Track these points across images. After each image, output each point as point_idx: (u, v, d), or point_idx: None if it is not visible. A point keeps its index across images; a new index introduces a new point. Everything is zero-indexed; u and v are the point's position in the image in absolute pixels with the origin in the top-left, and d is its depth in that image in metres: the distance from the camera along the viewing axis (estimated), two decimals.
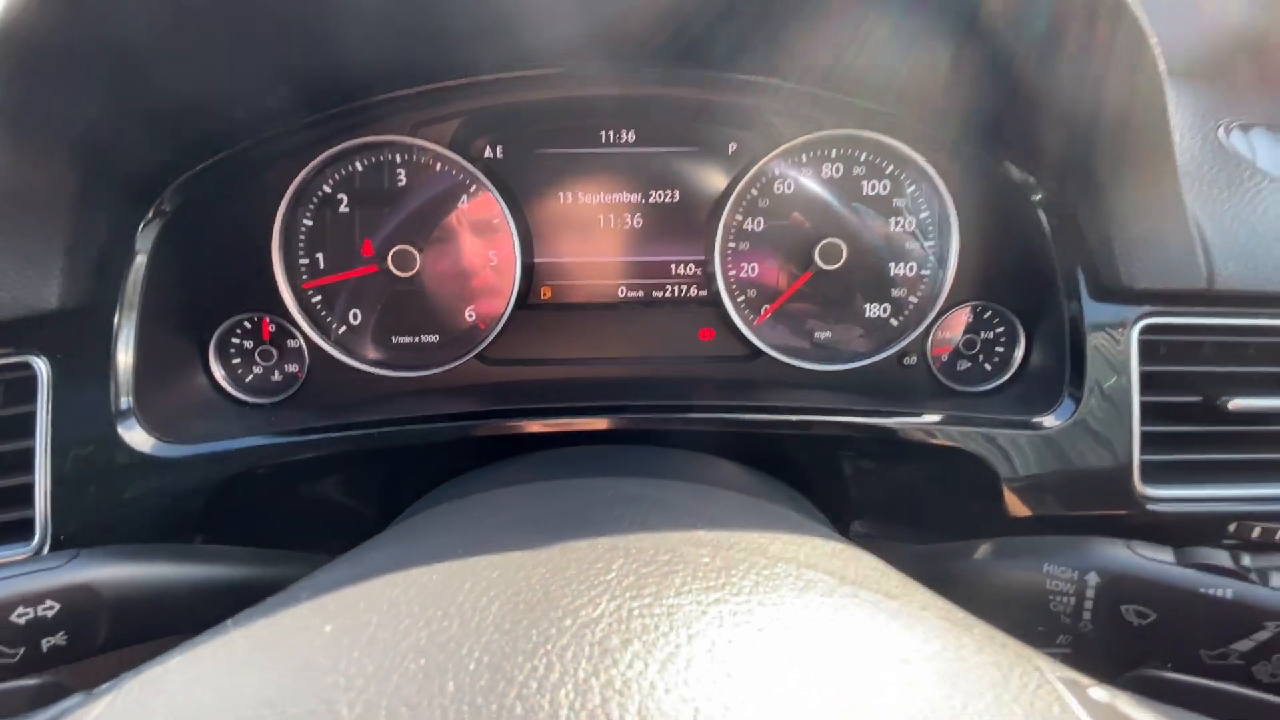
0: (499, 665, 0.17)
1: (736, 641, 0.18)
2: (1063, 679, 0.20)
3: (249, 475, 0.49)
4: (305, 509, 0.57)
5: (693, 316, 0.63)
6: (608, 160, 0.60)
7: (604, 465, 0.43)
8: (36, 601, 0.33)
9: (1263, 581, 0.32)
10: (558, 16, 0.46)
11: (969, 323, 0.61)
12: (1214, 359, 0.52)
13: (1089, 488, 0.51)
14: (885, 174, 0.59)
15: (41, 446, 0.44)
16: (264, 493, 0.52)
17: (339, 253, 0.58)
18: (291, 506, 0.56)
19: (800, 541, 0.28)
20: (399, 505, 0.52)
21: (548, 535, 0.24)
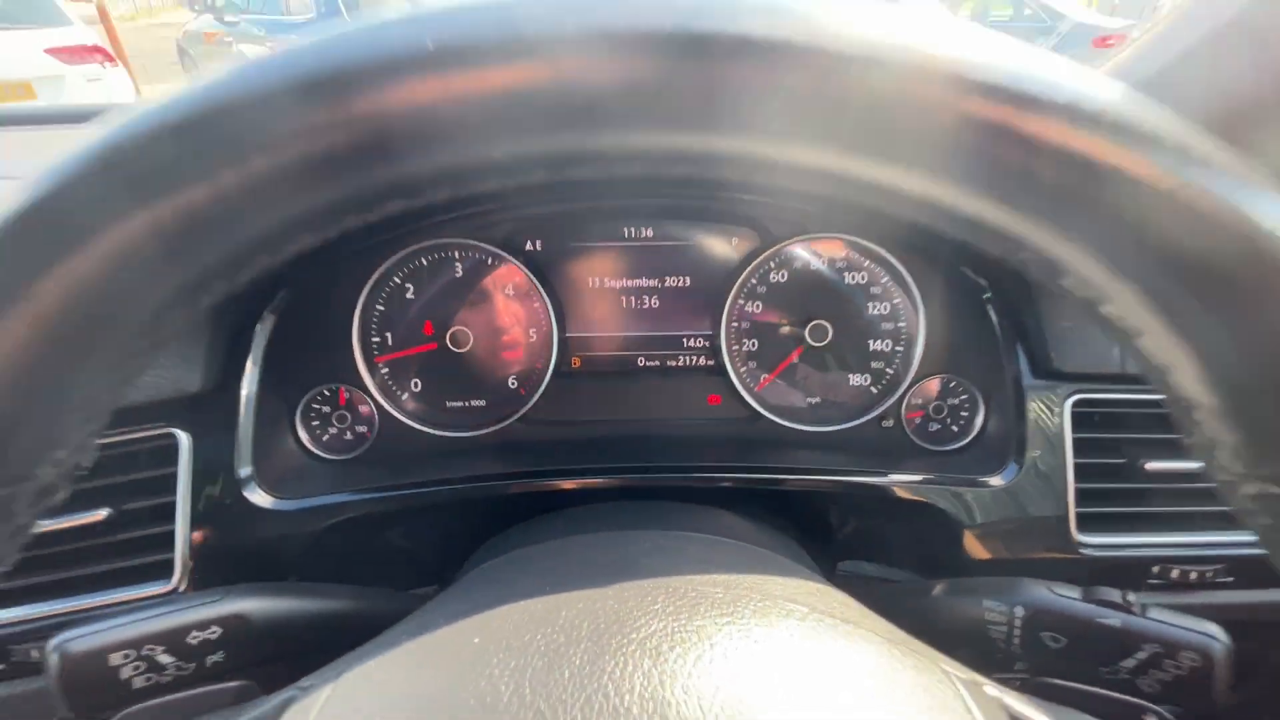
0: (595, 661, 0.27)
1: (739, 649, 0.28)
2: (963, 679, 0.30)
3: (338, 524, 0.60)
4: (375, 551, 0.68)
5: (702, 384, 0.74)
6: (630, 252, 0.72)
7: (638, 519, 0.54)
8: (204, 627, 0.43)
9: (1142, 614, 0.42)
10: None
11: (937, 391, 0.71)
12: (1136, 427, 0.62)
13: (1034, 536, 0.61)
14: (863, 268, 0.71)
15: (181, 502, 0.55)
16: (343, 538, 0.63)
17: (405, 332, 0.69)
18: (365, 549, 0.66)
19: (788, 581, 0.38)
20: (455, 548, 0.62)
21: (610, 576, 0.35)
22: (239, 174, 0.18)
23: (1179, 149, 0.18)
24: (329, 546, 0.61)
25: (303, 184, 0.19)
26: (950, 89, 0.18)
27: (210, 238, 0.19)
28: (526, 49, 0.18)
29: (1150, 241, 0.18)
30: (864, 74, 0.18)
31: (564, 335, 0.71)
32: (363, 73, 0.18)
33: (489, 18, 0.18)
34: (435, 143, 0.19)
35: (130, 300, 0.19)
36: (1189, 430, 0.23)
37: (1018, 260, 0.22)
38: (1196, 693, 0.40)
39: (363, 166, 0.19)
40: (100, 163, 0.18)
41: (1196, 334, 0.19)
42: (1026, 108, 0.18)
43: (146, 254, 0.19)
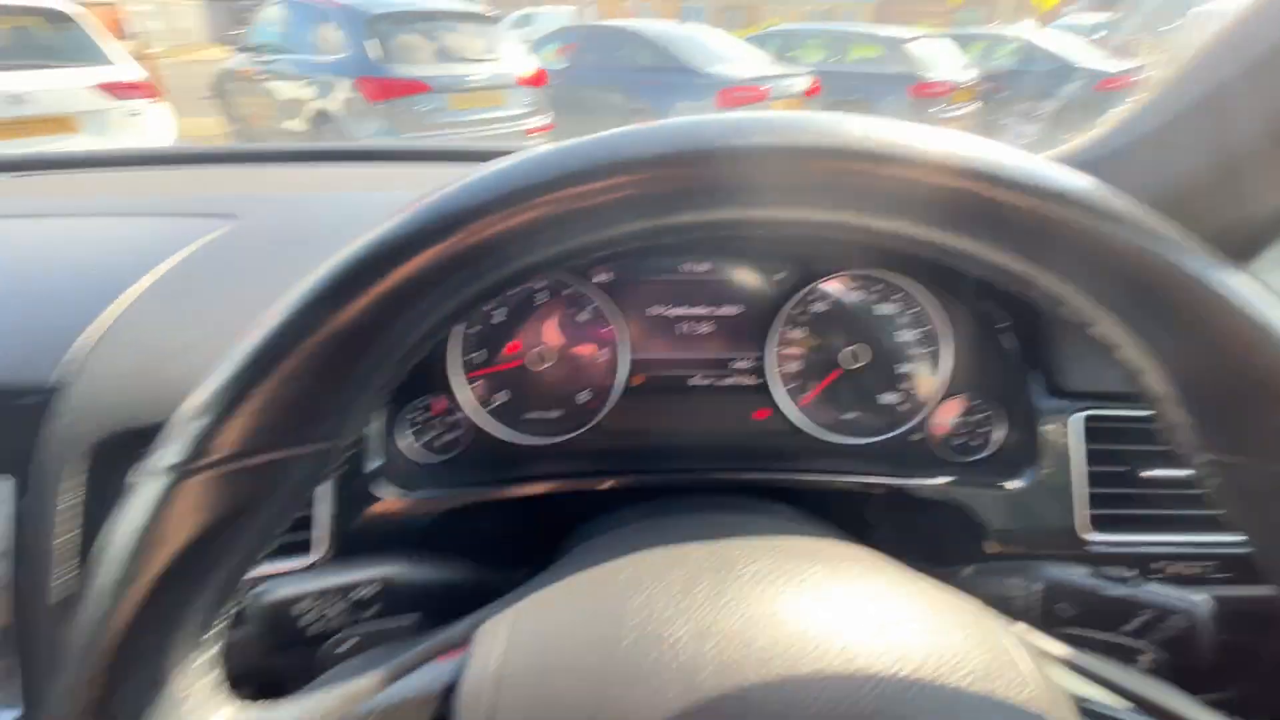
0: (720, 585, 0.36)
1: (824, 579, 0.37)
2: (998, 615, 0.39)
3: (446, 512, 0.69)
4: (472, 538, 0.77)
5: (749, 400, 0.84)
6: (687, 284, 0.82)
7: (707, 505, 0.63)
8: (364, 585, 0.52)
9: (1137, 586, 0.51)
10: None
11: (960, 410, 0.81)
12: (1137, 440, 0.71)
13: (1046, 535, 0.70)
14: (893, 299, 0.81)
15: (329, 492, 0.65)
16: (444, 527, 0.72)
17: (494, 351, 0.80)
18: (463, 537, 0.75)
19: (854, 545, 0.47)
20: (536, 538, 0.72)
21: (712, 536, 0.44)
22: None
23: (1133, 222, 0.28)
24: (437, 532, 0.71)
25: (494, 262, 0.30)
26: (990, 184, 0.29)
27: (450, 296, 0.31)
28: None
29: (1116, 282, 0.29)
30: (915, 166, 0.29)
31: (630, 356, 0.81)
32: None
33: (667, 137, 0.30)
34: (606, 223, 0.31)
35: (406, 330, 0.31)
36: (1159, 417, 0.32)
37: (1028, 295, 0.32)
38: (1186, 649, 0.49)
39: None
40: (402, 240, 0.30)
41: (1155, 345, 0.29)
42: (1040, 196, 0.28)
43: (426, 293, 0.30)
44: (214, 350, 0.29)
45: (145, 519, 0.29)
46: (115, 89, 5.13)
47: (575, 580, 0.40)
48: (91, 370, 0.61)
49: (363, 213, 0.89)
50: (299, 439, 0.30)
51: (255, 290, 0.70)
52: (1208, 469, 0.31)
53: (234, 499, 0.30)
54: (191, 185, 1.14)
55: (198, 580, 0.30)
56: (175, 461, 0.29)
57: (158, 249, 0.77)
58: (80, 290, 0.69)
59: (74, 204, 0.98)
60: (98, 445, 0.59)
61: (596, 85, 7.48)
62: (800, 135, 0.29)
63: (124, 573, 0.28)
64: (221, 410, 0.29)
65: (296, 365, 0.29)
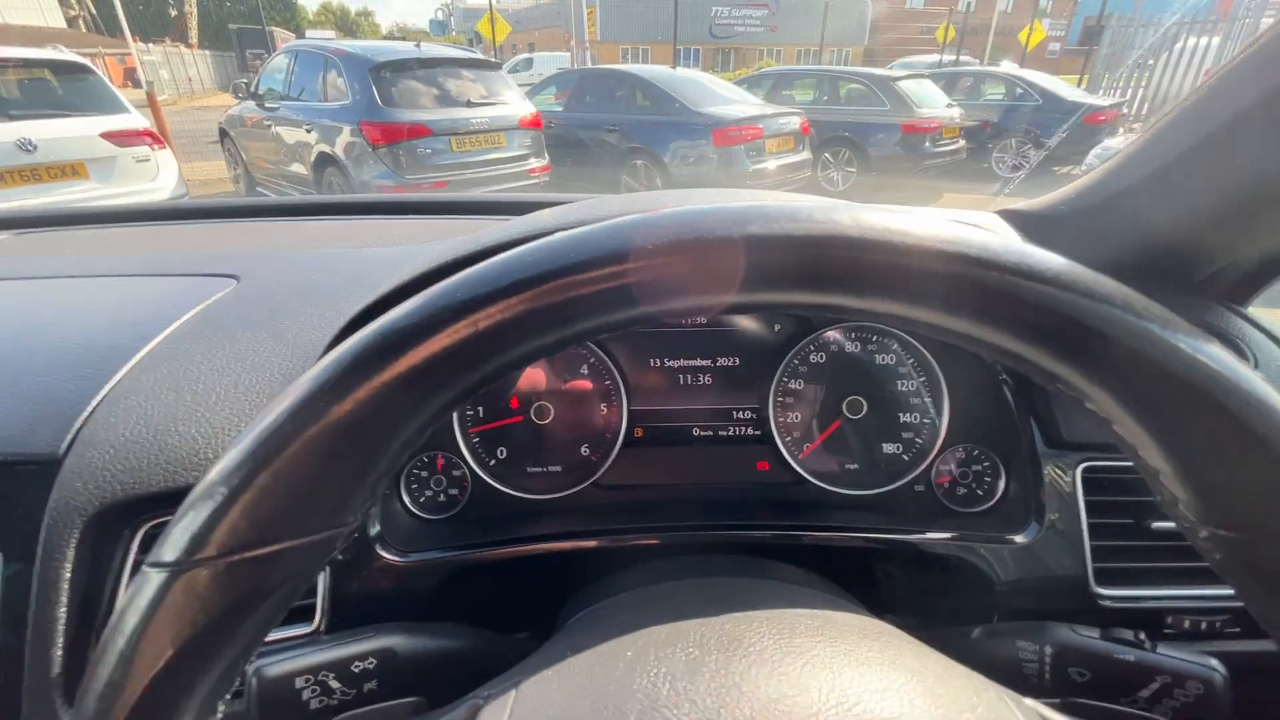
0: (725, 666, 0.36)
1: (833, 657, 0.37)
2: (1007, 691, 0.38)
3: (445, 574, 0.68)
4: (473, 601, 0.76)
5: (751, 452, 0.84)
6: (687, 336, 0.83)
7: (712, 568, 0.62)
8: (364, 658, 0.51)
9: (1152, 649, 0.50)
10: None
11: (962, 459, 0.80)
12: (1142, 491, 0.71)
13: (1057, 589, 0.69)
14: (891, 350, 0.81)
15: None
16: (445, 589, 0.71)
17: (495, 406, 0.80)
18: (464, 599, 0.74)
19: (858, 615, 0.47)
20: (539, 598, 0.70)
21: (716, 609, 0.43)
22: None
23: (1123, 304, 0.29)
24: (436, 594, 0.70)
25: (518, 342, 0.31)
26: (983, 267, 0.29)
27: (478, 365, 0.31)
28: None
29: (1108, 362, 0.29)
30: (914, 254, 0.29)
31: (630, 408, 0.81)
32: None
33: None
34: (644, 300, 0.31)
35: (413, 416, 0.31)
36: (1158, 491, 0.32)
37: (1024, 371, 0.32)
38: (1203, 717, 0.48)
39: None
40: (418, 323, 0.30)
41: (1151, 423, 0.29)
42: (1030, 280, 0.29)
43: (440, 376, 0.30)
44: (213, 418, 0.29)
45: (146, 614, 0.28)
46: (123, 136, 5.25)
47: (578, 660, 0.39)
48: (92, 439, 0.61)
49: (364, 270, 0.90)
50: (302, 530, 0.30)
51: (257, 356, 0.71)
52: (1209, 543, 0.31)
53: (235, 591, 0.29)
54: (194, 242, 1.16)
55: (198, 672, 0.30)
56: (177, 556, 0.29)
57: (161, 312, 0.78)
58: (85, 357, 0.70)
59: (78, 264, 1.00)
60: (98, 514, 0.59)
61: (594, 127, 7.65)
62: (790, 226, 0.30)
63: (124, 668, 0.28)
64: (222, 503, 0.29)
65: (298, 457, 0.29)
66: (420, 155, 5.79)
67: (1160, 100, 11.01)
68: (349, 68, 5.91)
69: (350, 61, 5.94)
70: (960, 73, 11.29)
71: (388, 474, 0.33)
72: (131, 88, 16.27)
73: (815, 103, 9.29)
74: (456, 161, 5.98)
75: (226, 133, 7.78)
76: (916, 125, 8.35)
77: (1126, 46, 13.10)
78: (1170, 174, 0.72)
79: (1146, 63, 11.99)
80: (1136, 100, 11.70)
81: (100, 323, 0.77)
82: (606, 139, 7.53)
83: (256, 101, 6.94)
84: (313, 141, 6.17)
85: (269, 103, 6.78)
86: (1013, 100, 9.75)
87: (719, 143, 6.79)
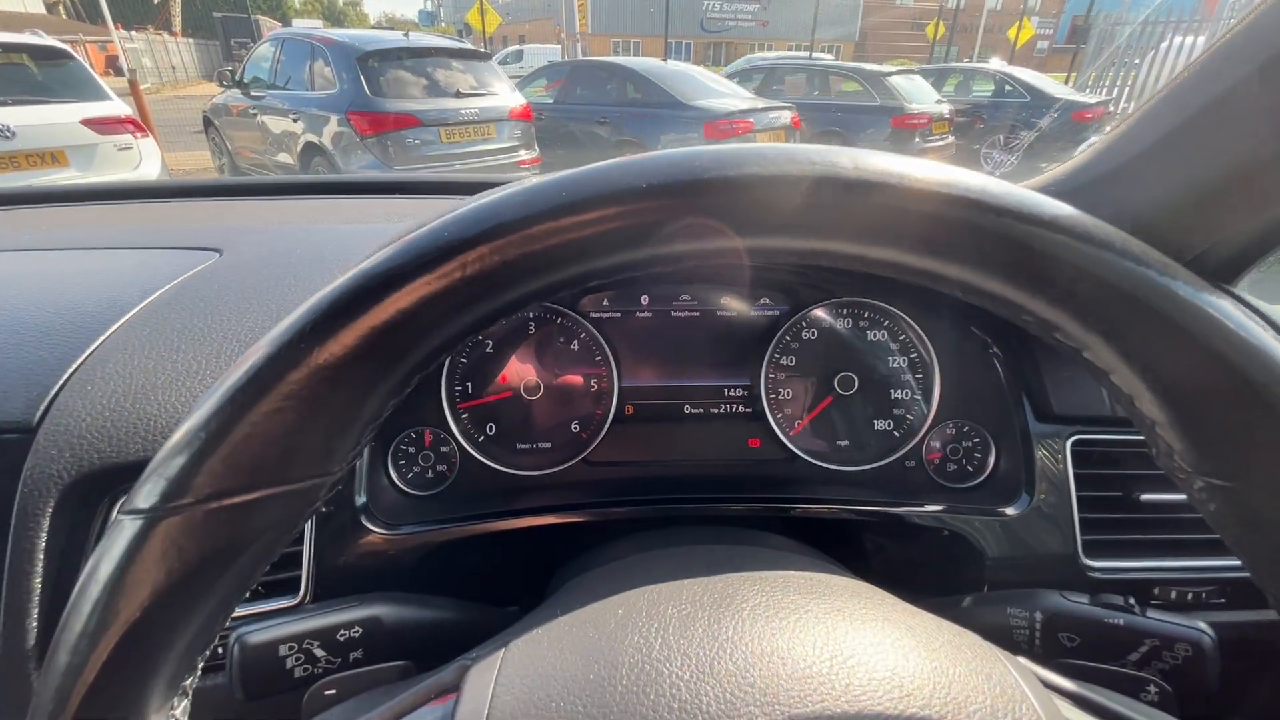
0: (718, 621, 0.35)
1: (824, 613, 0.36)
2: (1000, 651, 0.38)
3: (432, 548, 0.67)
4: (462, 573, 0.75)
5: (742, 428, 0.83)
6: (679, 313, 0.82)
7: (705, 537, 0.62)
8: (350, 626, 0.51)
9: (1142, 613, 0.51)
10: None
11: (952, 435, 0.80)
12: (1129, 464, 0.71)
13: (1046, 561, 0.70)
14: (883, 326, 0.81)
15: (309, 530, 0.63)
16: (433, 562, 0.70)
17: (484, 382, 0.79)
18: (453, 572, 0.73)
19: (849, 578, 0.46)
20: (527, 572, 0.70)
21: (710, 570, 0.43)
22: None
23: (1123, 249, 0.28)
24: (423, 568, 0.69)
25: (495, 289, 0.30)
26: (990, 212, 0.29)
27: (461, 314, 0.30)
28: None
29: (1107, 308, 0.28)
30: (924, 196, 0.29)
31: (621, 385, 0.81)
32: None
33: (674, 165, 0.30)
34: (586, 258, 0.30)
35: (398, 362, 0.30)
36: (1153, 443, 0.32)
37: (1021, 322, 0.32)
38: (1191, 679, 0.48)
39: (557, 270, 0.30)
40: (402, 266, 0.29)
41: (1147, 369, 0.29)
42: (1030, 224, 0.28)
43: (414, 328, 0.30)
44: (194, 386, 0.28)
45: (121, 561, 0.27)
46: (104, 124, 5.16)
47: (568, 619, 0.39)
48: (68, 408, 0.60)
49: (347, 245, 0.89)
50: (283, 477, 0.29)
51: (239, 325, 0.69)
52: (1204, 494, 0.31)
53: (213, 540, 0.29)
54: (178, 218, 1.14)
55: (176, 624, 0.29)
56: (153, 502, 0.28)
57: (143, 283, 0.76)
58: (63, 326, 0.68)
59: (60, 237, 0.97)
60: (74, 483, 0.57)
61: (584, 119, 7.61)
62: (790, 165, 0.29)
63: (99, 618, 0.27)
64: (200, 449, 0.28)
65: (278, 402, 0.28)
66: (409, 145, 5.74)
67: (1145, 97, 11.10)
68: (337, 56, 5.83)
69: (338, 50, 5.87)
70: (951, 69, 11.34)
71: (373, 422, 0.32)
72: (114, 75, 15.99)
73: (807, 97, 9.30)
74: (446, 152, 5.93)
75: (211, 121, 7.67)
76: (906, 120, 8.38)
77: (1113, 45, 13.21)
78: (1160, 152, 0.72)
79: (1132, 61, 12.10)
80: (1122, 98, 11.81)
81: (78, 293, 0.75)
82: (597, 131, 7.50)
83: (242, 90, 6.84)
84: (299, 131, 6.10)
85: (255, 91, 6.68)
86: (1001, 96, 9.81)
87: (710, 136, 6.78)
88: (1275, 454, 0.28)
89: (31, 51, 5.19)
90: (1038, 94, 9.45)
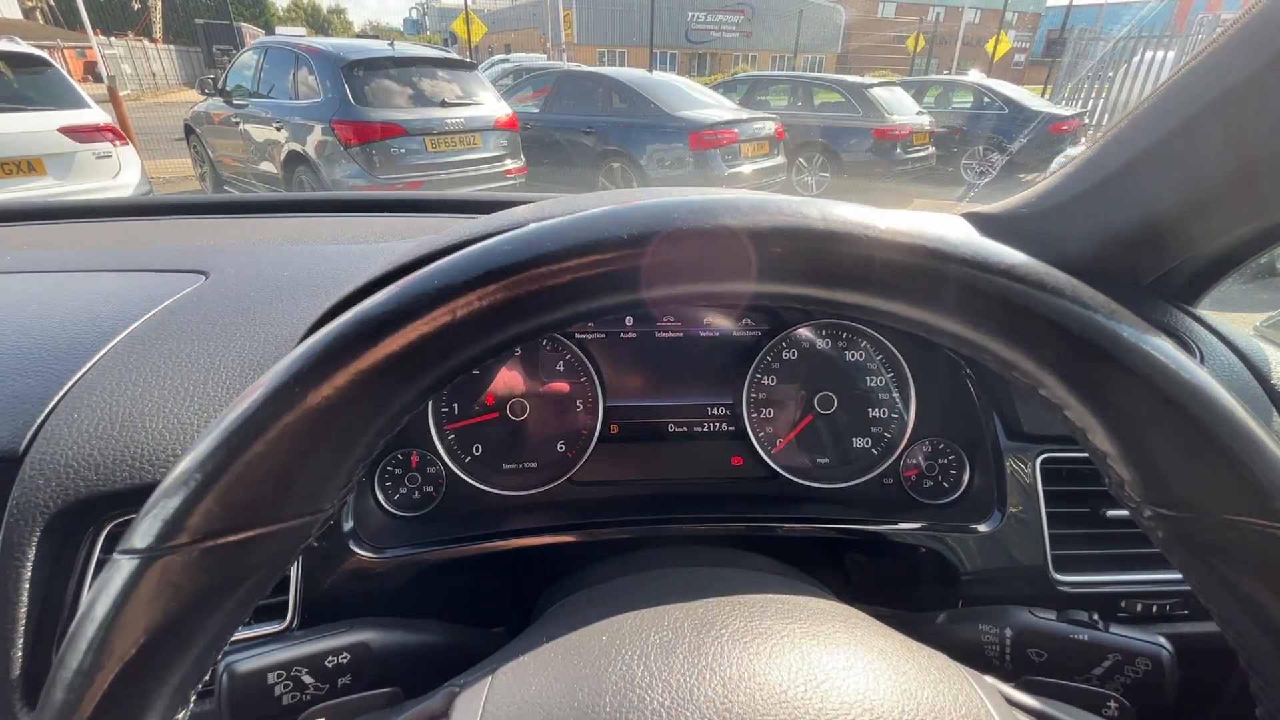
0: (699, 648, 0.37)
1: (802, 638, 0.38)
2: (967, 670, 0.40)
3: (419, 570, 0.68)
4: (450, 596, 0.76)
5: (725, 447, 0.85)
6: (663, 333, 0.84)
7: (687, 558, 0.63)
8: (338, 653, 0.51)
9: (1105, 629, 0.53)
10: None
11: (928, 452, 0.83)
12: (1096, 481, 0.74)
13: (1018, 576, 0.72)
14: (860, 347, 0.83)
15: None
16: (420, 584, 0.71)
17: (470, 403, 0.80)
18: (441, 594, 0.74)
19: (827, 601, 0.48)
20: (515, 593, 0.71)
21: (690, 595, 0.44)
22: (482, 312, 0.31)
23: (1072, 295, 0.30)
24: (410, 590, 0.69)
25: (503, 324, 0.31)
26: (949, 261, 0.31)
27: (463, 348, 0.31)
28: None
29: (1058, 350, 0.31)
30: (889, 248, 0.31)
31: (606, 405, 0.82)
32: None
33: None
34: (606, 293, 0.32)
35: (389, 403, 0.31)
36: (1106, 473, 0.34)
37: (983, 360, 0.34)
38: (1151, 692, 0.50)
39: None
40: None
41: (1096, 406, 0.31)
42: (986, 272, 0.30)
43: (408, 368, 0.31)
44: (181, 414, 0.29)
45: (117, 600, 0.28)
46: (83, 132, 5.09)
47: (553, 646, 0.40)
48: (54, 436, 0.60)
49: (335, 266, 0.89)
50: (277, 516, 0.30)
51: (227, 351, 0.70)
52: (1152, 522, 0.33)
53: (208, 578, 0.29)
54: (162, 238, 1.14)
55: (171, 661, 0.30)
56: (149, 542, 0.29)
57: (129, 307, 0.77)
58: (48, 352, 0.68)
59: (41, 259, 0.97)
60: (60, 512, 0.57)
61: (570, 129, 7.64)
62: (760, 218, 0.31)
63: (94, 657, 0.28)
64: (196, 489, 0.29)
65: (273, 443, 0.29)
66: (394, 155, 5.73)
67: (1119, 111, 11.40)
68: (321, 65, 5.82)
69: (322, 59, 5.85)
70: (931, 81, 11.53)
71: (363, 460, 0.33)
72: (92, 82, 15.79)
73: (789, 108, 9.41)
74: (431, 162, 5.92)
75: (192, 129, 7.60)
76: (888, 131, 8.51)
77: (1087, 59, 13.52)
78: (1124, 178, 0.75)
79: (1106, 75, 12.38)
80: (1097, 111, 12.08)
81: (62, 318, 0.75)
82: (583, 141, 7.53)
83: (224, 98, 6.80)
84: (283, 140, 6.06)
85: (237, 99, 6.64)
86: (980, 109, 10.00)
87: (695, 146, 6.84)
88: (1214, 485, 0.30)
89: (8, 58, 5.12)
90: (1015, 106, 9.65)
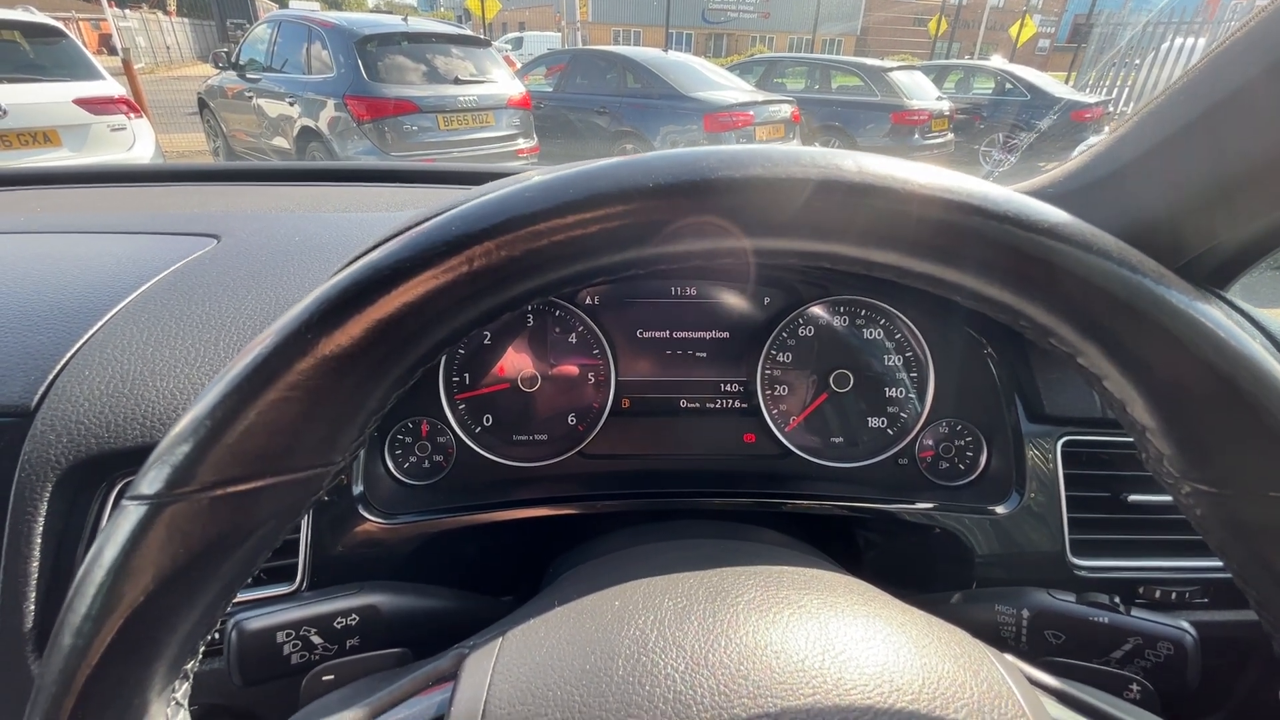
0: (713, 615, 0.36)
1: (819, 607, 0.37)
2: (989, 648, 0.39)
3: (428, 538, 0.68)
4: (457, 564, 0.75)
5: (737, 423, 0.84)
6: (676, 307, 0.82)
7: (698, 531, 0.63)
8: (347, 614, 0.51)
9: (1126, 612, 0.52)
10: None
11: (945, 433, 0.81)
12: (1118, 465, 0.72)
13: (1034, 559, 0.71)
14: (879, 324, 0.82)
15: (307, 518, 0.64)
16: (428, 552, 0.71)
17: (481, 373, 0.79)
18: (449, 562, 0.74)
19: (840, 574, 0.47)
20: (522, 564, 0.70)
21: (704, 564, 0.43)
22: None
23: (1119, 257, 0.29)
24: (419, 558, 0.69)
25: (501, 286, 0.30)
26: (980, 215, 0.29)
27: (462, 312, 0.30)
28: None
29: (1102, 314, 0.29)
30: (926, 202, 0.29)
31: (618, 379, 0.81)
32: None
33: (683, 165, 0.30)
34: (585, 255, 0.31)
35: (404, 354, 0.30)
36: (1143, 448, 0.33)
37: (1019, 327, 0.32)
38: (1173, 677, 0.49)
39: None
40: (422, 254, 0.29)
41: (1139, 376, 0.30)
42: (1029, 230, 0.29)
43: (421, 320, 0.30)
44: (192, 373, 0.28)
45: (125, 546, 0.28)
46: (98, 103, 5.10)
47: (565, 610, 0.39)
48: (66, 393, 0.60)
49: (346, 234, 0.89)
50: (287, 466, 0.30)
51: (237, 312, 0.69)
52: (1190, 499, 0.31)
53: (217, 527, 0.29)
54: (175, 203, 1.13)
55: (179, 609, 0.29)
56: (158, 489, 0.28)
57: (141, 268, 0.76)
58: (61, 310, 0.68)
59: (55, 220, 0.97)
60: (72, 467, 0.57)
61: (584, 108, 7.57)
62: (793, 168, 0.30)
63: (103, 601, 0.28)
64: (205, 436, 0.28)
65: (285, 391, 0.28)
66: (406, 132, 5.70)
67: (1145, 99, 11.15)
68: (334, 40, 5.78)
69: (336, 34, 5.81)
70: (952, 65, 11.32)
71: (376, 414, 0.32)
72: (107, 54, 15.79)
73: (807, 91, 9.27)
74: (443, 139, 5.89)
75: (206, 103, 7.59)
76: (906, 116, 8.37)
77: (1114, 45, 13.20)
78: (1156, 158, 0.72)
79: (1133, 62, 12.10)
80: (1122, 99, 11.82)
81: (75, 277, 0.75)
82: (596, 120, 7.46)
83: (238, 72, 6.77)
84: (296, 115, 6.04)
85: (250, 74, 6.62)
86: (1001, 95, 9.80)
87: (710, 128, 6.76)
88: (1261, 461, 0.29)
89: (24, 29, 5.11)
90: (1038, 93, 9.44)
